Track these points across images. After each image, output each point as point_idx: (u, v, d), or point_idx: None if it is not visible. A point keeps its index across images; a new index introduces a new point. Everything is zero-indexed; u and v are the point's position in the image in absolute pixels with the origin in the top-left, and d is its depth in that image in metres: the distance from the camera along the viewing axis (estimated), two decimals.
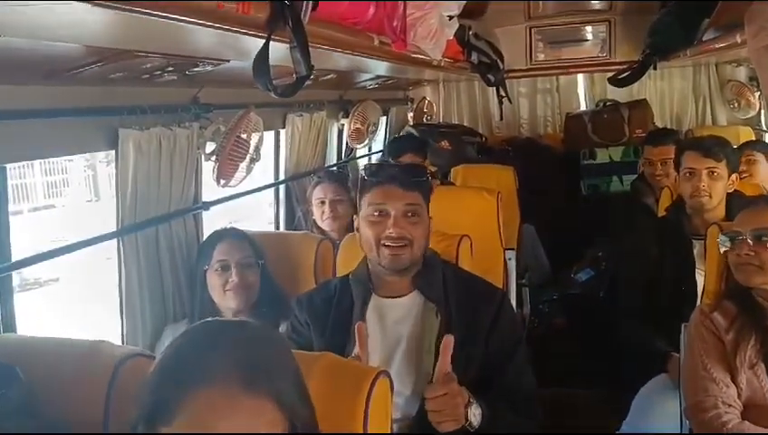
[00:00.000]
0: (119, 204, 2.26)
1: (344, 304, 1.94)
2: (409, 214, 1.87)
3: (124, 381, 1.24)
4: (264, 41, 1.38)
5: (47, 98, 1.90)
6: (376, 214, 1.88)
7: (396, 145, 3.91)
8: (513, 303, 3.16)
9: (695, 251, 2.74)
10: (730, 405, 1.88)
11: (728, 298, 2.05)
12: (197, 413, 0.91)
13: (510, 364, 1.87)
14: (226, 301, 2.33)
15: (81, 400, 1.24)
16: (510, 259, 3.23)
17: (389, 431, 1.32)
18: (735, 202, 2.65)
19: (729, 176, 2.73)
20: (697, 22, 3.78)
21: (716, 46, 3.16)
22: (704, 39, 3.55)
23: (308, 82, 1.60)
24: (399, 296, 1.93)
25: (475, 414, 1.69)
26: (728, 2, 3.08)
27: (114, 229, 2.28)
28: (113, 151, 2.21)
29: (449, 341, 1.68)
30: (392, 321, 1.91)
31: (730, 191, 2.76)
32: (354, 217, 1.98)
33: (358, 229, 1.95)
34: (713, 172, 2.71)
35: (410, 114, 5.68)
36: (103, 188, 13.97)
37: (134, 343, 2.31)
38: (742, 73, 5.27)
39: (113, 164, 2.26)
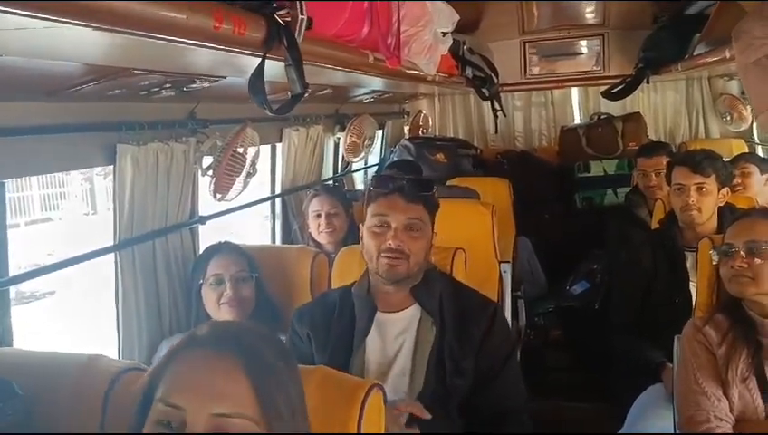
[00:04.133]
0: (116, 218, 2.28)
1: (345, 318, 1.94)
2: (410, 227, 1.88)
3: (120, 395, 1.25)
4: (259, 59, 1.41)
5: (47, 114, 1.92)
6: (378, 225, 1.89)
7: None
8: (508, 315, 3.16)
9: (688, 263, 2.76)
10: (722, 419, 1.89)
11: (720, 312, 2.06)
12: (182, 365, 1.02)
13: (499, 378, 1.89)
14: (221, 315, 2.33)
15: (78, 413, 1.25)
16: (505, 272, 3.23)
17: None
18: (727, 215, 2.67)
19: (719, 190, 2.76)
20: (689, 36, 3.83)
21: (707, 60, 3.20)
22: (695, 53, 3.59)
23: (304, 98, 1.63)
24: (400, 310, 1.94)
25: None
26: (719, 18, 3.14)
27: (111, 243, 2.29)
28: (111, 166, 2.23)
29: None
30: (393, 335, 1.92)
31: (721, 205, 2.78)
32: (360, 225, 2.00)
33: (362, 238, 1.96)
34: (701, 187, 2.73)
35: (406, 128, 5.71)
36: (100, 201, 13.93)
37: (130, 357, 2.31)
38: (734, 87, 5.30)
39: (110, 177, 2.27)
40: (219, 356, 1.00)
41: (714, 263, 2.10)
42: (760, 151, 5.06)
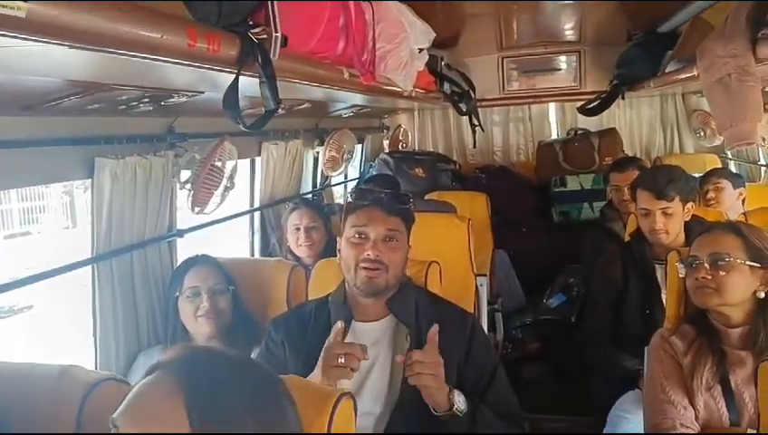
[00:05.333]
0: (94, 231, 2.29)
1: (321, 326, 1.97)
2: (389, 239, 1.94)
3: (95, 406, 1.25)
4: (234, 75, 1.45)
5: (25, 128, 1.93)
6: (357, 236, 1.94)
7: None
8: (485, 328, 3.19)
9: (658, 275, 2.81)
10: (687, 427, 1.93)
11: (686, 322, 2.10)
12: (134, 388, 1.01)
13: (491, 389, 1.93)
14: (198, 327, 2.34)
15: (52, 424, 1.25)
16: (481, 285, 3.26)
17: None
18: (696, 228, 2.72)
19: (684, 207, 2.81)
20: (662, 54, 3.92)
21: (678, 77, 3.27)
22: (667, 70, 3.67)
23: (282, 112, 1.66)
24: (375, 320, 1.98)
25: (459, 400, 1.77)
26: (690, 35, 3.21)
27: (90, 256, 2.30)
28: (90, 179, 2.24)
29: (435, 331, 1.77)
30: (367, 344, 1.94)
31: (687, 219, 2.83)
32: (338, 238, 2.04)
33: (340, 250, 2.00)
34: (666, 212, 2.78)
35: (386, 142, 5.75)
36: (81, 214, 13.83)
37: (107, 370, 2.30)
38: (706, 103, 5.39)
39: (90, 191, 2.28)
40: (165, 382, 0.99)
41: (681, 275, 2.14)
42: (733, 166, 5.15)
